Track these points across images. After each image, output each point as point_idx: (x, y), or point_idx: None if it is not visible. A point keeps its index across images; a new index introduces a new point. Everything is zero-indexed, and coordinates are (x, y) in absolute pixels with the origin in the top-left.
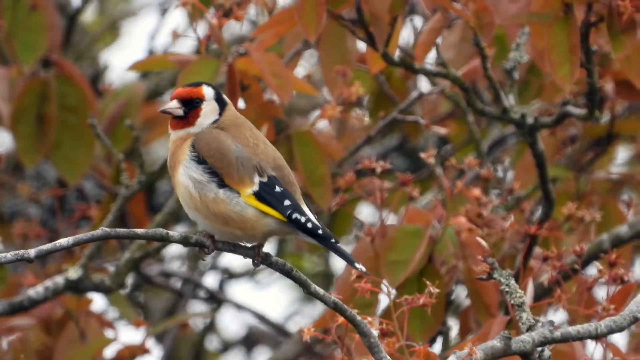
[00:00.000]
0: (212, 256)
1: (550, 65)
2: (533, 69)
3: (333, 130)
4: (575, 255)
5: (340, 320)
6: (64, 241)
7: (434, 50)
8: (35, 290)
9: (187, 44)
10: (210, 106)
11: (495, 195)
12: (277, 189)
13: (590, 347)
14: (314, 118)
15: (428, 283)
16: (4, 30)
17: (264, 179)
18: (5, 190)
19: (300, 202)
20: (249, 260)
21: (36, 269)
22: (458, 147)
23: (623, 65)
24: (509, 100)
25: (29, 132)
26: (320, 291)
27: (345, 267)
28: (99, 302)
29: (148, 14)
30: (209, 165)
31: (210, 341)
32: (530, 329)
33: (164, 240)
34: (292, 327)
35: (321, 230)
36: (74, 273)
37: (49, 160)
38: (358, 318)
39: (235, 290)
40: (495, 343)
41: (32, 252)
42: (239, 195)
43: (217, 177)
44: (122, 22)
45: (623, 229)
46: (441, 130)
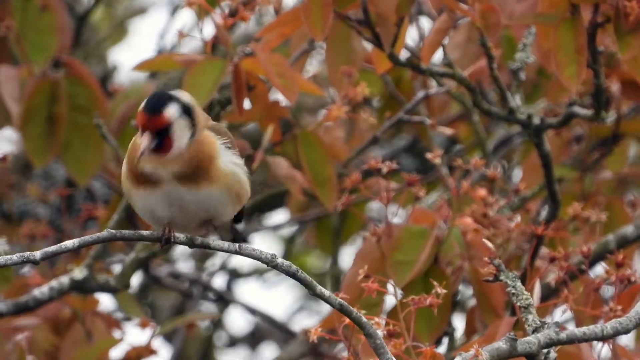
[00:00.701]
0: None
1: (557, 65)
2: (542, 70)
3: (341, 131)
4: (582, 255)
5: (347, 320)
6: (69, 243)
7: (440, 51)
8: (41, 291)
9: (196, 44)
10: (181, 124)
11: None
12: None
13: (597, 348)
14: (320, 118)
15: (435, 283)
16: (15, 31)
17: None
18: (14, 190)
19: None
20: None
21: (44, 269)
22: (468, 149)
23: (630, 65)
24: (515, 100)
25: (39, 133)
26: (326, 292)
27: (351, 266)
28: (106, 302)
29: (157, 12)
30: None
31: (218, 337)
32: (536, 330)
33: (170, 242)
34: (299, 325)
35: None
36: (79, 273)
37: (58, 160)
38: (364, 319)
39: (243, 290)
40: (501, 344)
41: (38, 254)
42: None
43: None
44: (130, 21)
45: (629, 229)
46: (447, 131)
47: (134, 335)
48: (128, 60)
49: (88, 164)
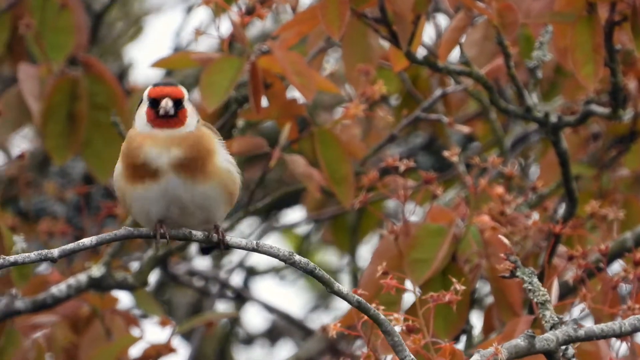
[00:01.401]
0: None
1: (574, 64)
2: (559, 68)
3: (358, 128)
4: (600, 253)
5: (365, 317)
6: (87, 240)
7: (457, 49)
8: (59, 288)
9: (213, 42)
10: (191, 106)
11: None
12: None
13: (615, 346)
14: (337, 116)
15: (454, 280)
16: (34, 29)
17: None
18: (31, 187)
19: None
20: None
21: (62, 267)
22: (485, 146)
23: None
24: (533, 98)
25: (59, 130)
26: (344, 290)
27: (368, 264)
28: (124, 300)
29: (174, 10)
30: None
31: (235, 334)
32: (554, 327)
33: (187, 239)
34: (316, 323)
35: None
36: (96, 271)
37: (76, 158)
38: (382, 317)
39: (260, 287)
40: (519, 342)
41: (56, 252)
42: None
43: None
44: (146, 18)
45: None
46: (464, 129)
47: (152, 333)
48: (144, 58)
49: (109, 161)
